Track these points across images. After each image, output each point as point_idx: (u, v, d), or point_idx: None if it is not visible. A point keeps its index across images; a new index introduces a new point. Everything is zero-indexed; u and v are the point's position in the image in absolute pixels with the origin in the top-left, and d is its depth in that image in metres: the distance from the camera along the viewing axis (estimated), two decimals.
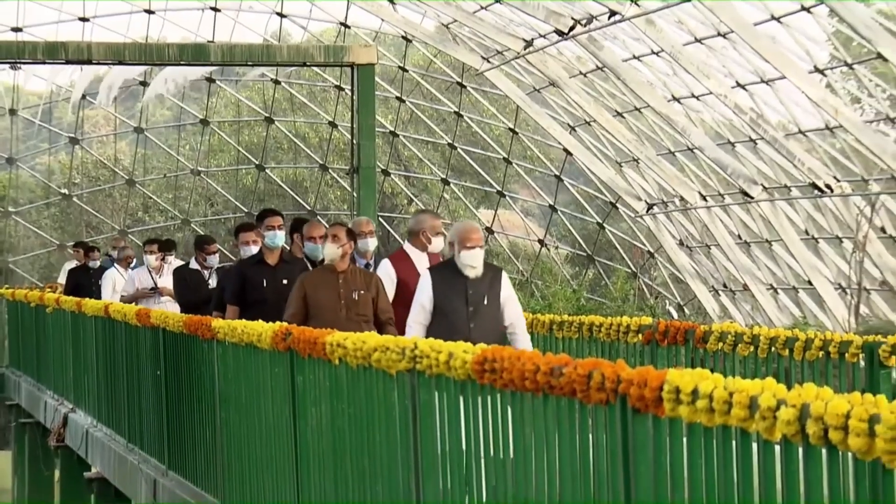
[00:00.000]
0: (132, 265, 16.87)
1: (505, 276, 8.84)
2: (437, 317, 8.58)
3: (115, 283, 16.28)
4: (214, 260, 13.42)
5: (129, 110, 37.30)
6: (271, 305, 10.02)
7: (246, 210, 34.04)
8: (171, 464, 11.07)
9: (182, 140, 36.75)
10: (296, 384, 7.73)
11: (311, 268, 10.45)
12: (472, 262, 8.57)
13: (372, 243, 10.71)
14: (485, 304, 8.59)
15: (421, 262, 9.55)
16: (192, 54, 22.60)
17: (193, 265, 13.29)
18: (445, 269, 8.72)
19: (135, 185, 34.24)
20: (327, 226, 10.14)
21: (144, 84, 31.36)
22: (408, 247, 9.75)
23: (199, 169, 33.79)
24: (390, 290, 9.47)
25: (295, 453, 7.80)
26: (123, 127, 34.96)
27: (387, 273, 9.60)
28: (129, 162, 35.28)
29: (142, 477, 11.81)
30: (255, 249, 11.03)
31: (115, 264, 17.07)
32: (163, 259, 15.23)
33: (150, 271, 15.08)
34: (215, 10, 28.93)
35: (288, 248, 11.42)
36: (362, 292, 9.29)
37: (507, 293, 8.74)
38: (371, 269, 10.14)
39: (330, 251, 9.37)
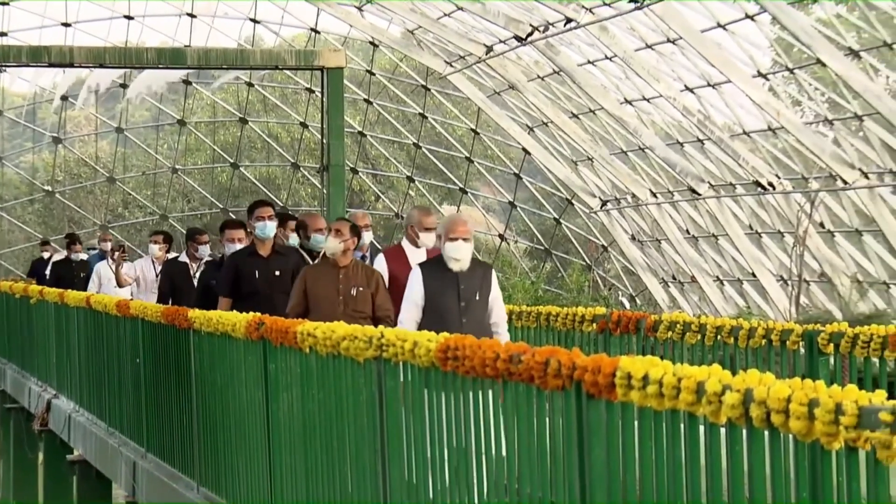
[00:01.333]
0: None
1: (494, 274, 8.36)
2: (429, 313, 8.08)
3: (101, 277, 15.85)
4: (205, 250, 12.97)
5: (110, 111, 37.07)
6: (264, 297, 9.64)
7: (221, 206, 33.95)
8: (149, 446, 11.02)
9: (160, 139, 36.57)
10: (268, 371, 7.71)
11: (309, 260, 10.03)
12: (455, 255, 8.07)
13: (367, 236, 10.44)
14: (476, 300, 8.12)
15: (415, 257, 9.17)
16: (170, 58, 22.50)
17: (183, 258, 13.06)
18: (436, 264, 8.22)
19: (115, 183, 34.05)
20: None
21: (124, 86, 31.20)
22: (404, 242, 9.36)
23: (177, 167, 33.64)
24: None
25: (267, 436, 7.78)
26: (104, 127, 34.75)
27: (380, 266, 9.24)
28: (109, 160, 35.08)
29: (122, 459, 11.75)
30: (239, 247, 10.53)
31: (108, 258, 16.43)
32: (167, 250, 14.46)
33: (153, 262, 14.36)
34: (192, 16, 28.81)
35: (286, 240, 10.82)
36: (361, 288, 8.86)
37: (496, 293, 8.27)
38: (367, 262, 9.83)
39: (332, 245, 8.94)
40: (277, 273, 9.83)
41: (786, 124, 18.81)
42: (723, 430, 3.98)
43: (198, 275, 12.85)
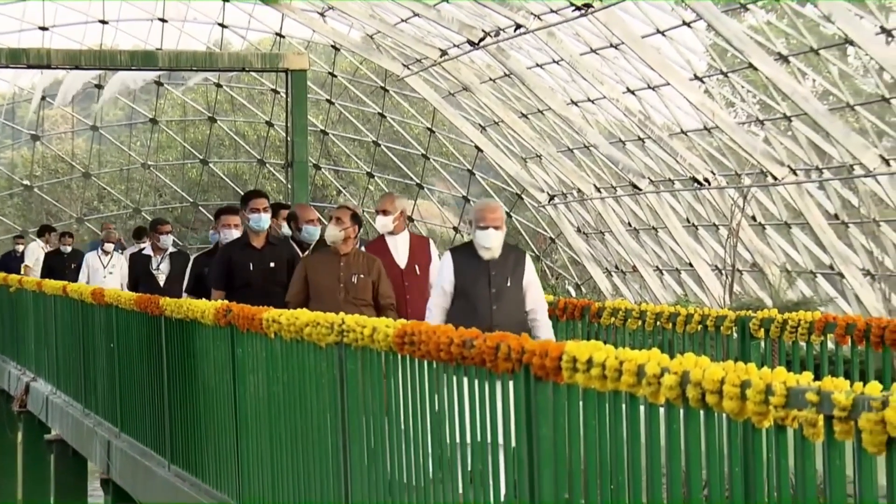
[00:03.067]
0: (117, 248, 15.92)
1: (529, 259, 7.69)
2: (459, 300, 7.44)
3: (90, 268, 15.42)
4: (167, 240, 12.71)
5: (86, 110, 36.73)
6: (257, 289, 8.86)
7: (191, 200, 33.79)
8: (123, 426, 10.96)
9: (133, 137, 36.29)
10: (236, 356, 7.68)
11: (299, 252, 9.44)
12: (485, 243, 7.41)
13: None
14: (508, 287, 7.44)
15: (397, 244, 8.86)
16: (143, 60, 22.35)
17: (147, 251, 12.90)
18: (466, 250, 7.55)
19: (90, 178, 33.78)
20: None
21: (99, 87, 30.96)
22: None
23: (149, 163, 33.42)
24: None
25: (235, 416, 7.76)
26: (80, 125, 34.46)
27: None
28: (85, 157, 34.78)
29: (97, 439, 11.68)
30: (236, 233, 9.78)
31: (98, 248, 15.95)
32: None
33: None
34: (163, 20, 28.61)
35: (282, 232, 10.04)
36: (362, 276, 8.34)
37: (531, 277, 7.57)
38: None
39: (332, 233, 8.41)
40: (272, 265, 9.11)
41: (720, 124, 18.90)
42: (661, 410, 4.00)
43: (161, 266, 12.70)
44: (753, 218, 20.36)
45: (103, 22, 28.49)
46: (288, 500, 6.89)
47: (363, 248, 8.83)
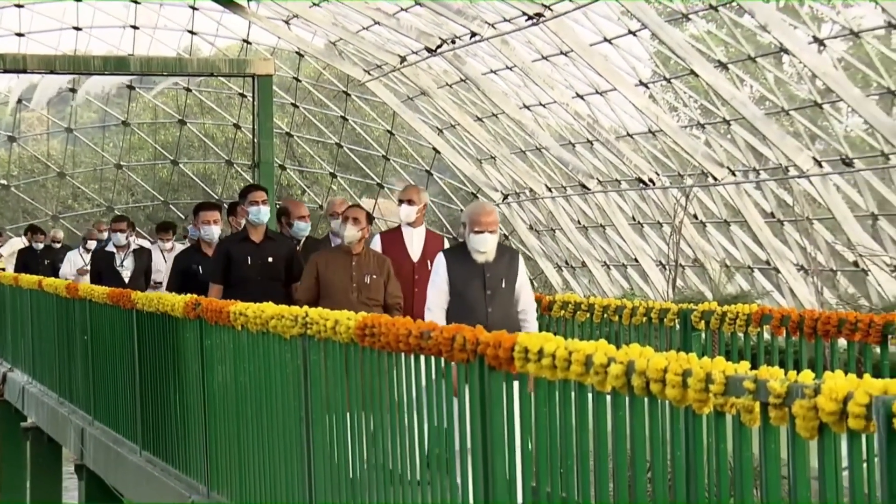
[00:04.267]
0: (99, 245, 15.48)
1: (521, 260, 7.34)
2: (455, 300, 7.03)
3: (73, 264, 14.96)
4: (119, 238, 12.28)
5: (60, 112, 36.39)
6: (255, 284, 8.37)
7: (162, 199, 33.59)
8: (96, 415, 10.88)
9: (106, 139, 36.00)
10: (204, 347, 7.64)
11: (296, 246, 8.93)
12: (481, 248, 7.03)
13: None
14: (502, 288, 7.08)
15: (413, 237, 8.34)
16: (115, 65, 22.20)
17: (110, 247, 12.68)
18: (460, 252, 7.18)
19: (65, 177, 33.50)
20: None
21: (73, 91, 30.71)
22: (403, 224, 8.47)
23: (122, 163, 33.17)
24: None
25: (204, 405, 7.72)
26: (55, 127, 34.13)
27: (375, 248, 8.28)
28: (60, 157, 34.48)
29: (71, 426, 11.60)
30: (216, 229, 9.31)
31: (80, 246, 15.49)
32: (184, 238, 13.05)
33: (162, 253, 12.88)
34: (135, 27, 28.40)
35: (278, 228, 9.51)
36: (374, 276, 7.87)
37: (523, 279, 7.23)
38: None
39: (351, 233, 7.88)
40: (270, 259, 8.56)
41: (664, 127, 18.98)
42: (608, 398, 4.01)
43: (125, 262, 12.51)
44: (695, 216, 20.48)
45: (77, 28, 28.25)
46: (254, 483, 6.87)
47: (378, 237, 8.41)
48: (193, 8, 27.23)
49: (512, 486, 4.52)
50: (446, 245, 8.53)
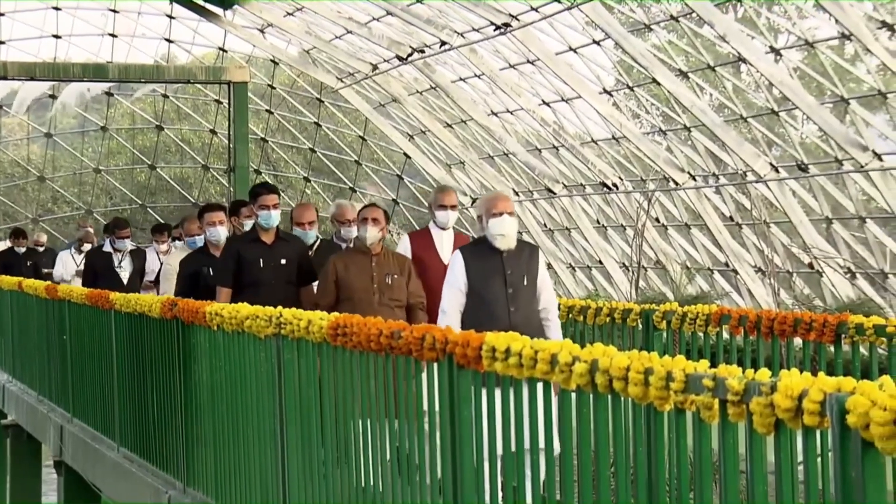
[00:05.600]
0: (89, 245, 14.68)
1: (541, 255, 6.68)
2: (474, 300, 6.40)
3: (66, 265, 14.47)
4: (124, 244, 12.11)
5: (40, 118, 36.15)
6: (268, 287, 7.68)
7: (140, 202, 33.45)
8: (75, 412, 10.81)
9: (85, 144, 35.79)
10: (181, 346, 7.60)
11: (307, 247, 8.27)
12: (501, 230, 6.43)
13: (353, 231, 8.53)
14: (524, 286, 6.45)
15: (442, 239, 7.74)
16: (94, 72, 22.10)
17: (107, 248, 12.43)
18: (478, 248, 6.56)
19: (45, 181, 33.29)
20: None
21: (53, 97, 30.51)
22: (431, 224, 7.87)
23: (100, 168, 32.98)
24: None
25: (181, 402, 7.68)
26: (35, 132, 33.91)
27: (404, 249, 7.72)
28: (40, 162, 34.26)
29: (50, 424, 11.52)
30: (221, 230, 8.61)
31: (72, 247, 15.01)
32: (172, 241, 12.65)
33: (157, 255, 12.51)
34: (113, 35, 28.25)
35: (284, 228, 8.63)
36: (396, 276, 7.28)
37: (544, 275, 6.61)
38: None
39: (372, 234, 7.33)
40: (283, 261, 7.86)
41: (627, 134, 19.05)
42: (573, 395, 4.01)
43: (123, 263, 12.31)
44: (657, 219, 20.55)
45: (56, 36, 28.07)
46: (230, 479, 6.84)
47: (407, 238, 7.86)
48: (171, 17, 27.11)
49: (480, 483, 4.52)
50: None
